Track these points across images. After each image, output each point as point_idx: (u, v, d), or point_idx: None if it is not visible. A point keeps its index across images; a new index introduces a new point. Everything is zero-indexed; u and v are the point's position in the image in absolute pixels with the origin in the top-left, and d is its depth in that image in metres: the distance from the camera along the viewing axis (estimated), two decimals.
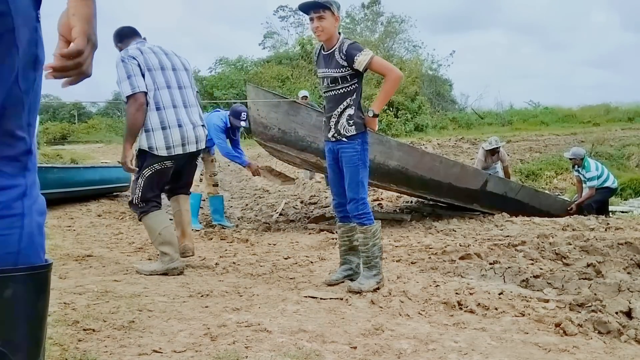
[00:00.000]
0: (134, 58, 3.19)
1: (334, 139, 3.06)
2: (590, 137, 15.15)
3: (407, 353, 2.05)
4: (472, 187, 5.88)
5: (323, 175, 8.63)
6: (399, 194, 7.33)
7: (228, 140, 5.71)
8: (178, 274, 3.31)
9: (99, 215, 6.14)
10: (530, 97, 45.37)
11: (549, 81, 50.50)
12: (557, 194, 9.45)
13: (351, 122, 2.98)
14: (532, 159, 13.25)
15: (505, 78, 50.43)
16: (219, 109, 5.88)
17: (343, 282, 3.17)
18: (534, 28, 60.65)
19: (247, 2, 64.11)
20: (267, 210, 6.94)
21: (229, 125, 5.58)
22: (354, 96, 3.01)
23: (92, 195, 7.25)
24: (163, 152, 3.24)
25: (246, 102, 5.33)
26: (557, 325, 2.40)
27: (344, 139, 3.01)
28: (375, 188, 7.63)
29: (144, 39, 3.46)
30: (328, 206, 7.01)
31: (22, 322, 1.20)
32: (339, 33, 3.02)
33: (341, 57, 2.92)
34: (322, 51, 3.07)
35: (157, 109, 3.21)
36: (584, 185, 7.50)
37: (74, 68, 1.07)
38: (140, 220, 3.41)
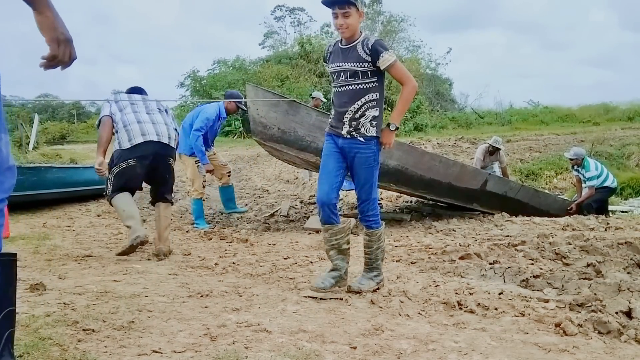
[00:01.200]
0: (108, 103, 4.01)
1: (349, 136, 2.89)
2: (590, 136, 15.14)
3: (407, 353, 2.05)
4: (471, 187, 5.88)
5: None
6: (398, 194, 7.33)
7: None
8: (141, 243, 3.72)
9: (98, 215, 6.13)
10: (529, 97, 45.38)
11: (547, 80, 50.50)
12: (557, 193, 9.44)
13: (374, 123, 2.87)
14: (532, 158, 13.25)
15: (504, 77, 50.46)
16: None
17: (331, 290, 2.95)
18: (532, 27, 60.70)
19: (244, 2, 64.14)
20: (267, 210, 6.94)
21: (224, 115, 5.66)
22: (377, 96, 2.88)
23: (92, 195, 7.24)
24: (127, 145, 3.80)
25: (246, 102, 5.33)
26: (557, 325, 2.40)
27: (361, 139, 2.87)
28: None
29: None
30: None
31: None
32: (360, 32, 2.91)
33: (365, 52, 2.80)
34: (340, 45, 2.93)
35: (124, 125, 3.87)
36: (583, 185, 7.50)
37: (58, 64, 1.46)
38: (111, 204, 3.90)
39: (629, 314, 2.54)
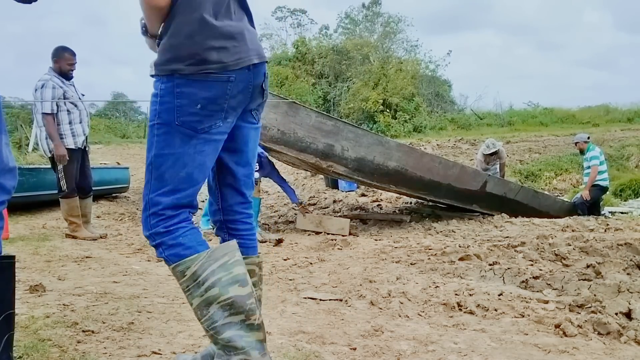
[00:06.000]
0: None
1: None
2: (590, 137, 15.15)
3: (406, 354, 2.05)
4: (471, 188, 5.89)
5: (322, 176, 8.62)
6: (398, 195, 7.33)
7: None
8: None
9: (97, 217, 6.12)
10: (527, 98, 45.24)
11: (544, 82, 50.18)
12: (556, 194, 9.45)
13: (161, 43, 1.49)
14: (532, 159, 13.25)
15: (501, 79, 50.31)
16: None
17: None
18: (526, 29, 60.47)
19: None
20: (267, 211, 6.94)
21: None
22: None
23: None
24: None
25: None
26: (557, 326, 2.40)
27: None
28: (374, 189, 7.63)
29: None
30: (328, 207, 7.00)
31: None
32: None
33: None
34: None
35: None
36: (586, 172, 7.53)
37: None
38: None
39: (628, 315, 2.54)
